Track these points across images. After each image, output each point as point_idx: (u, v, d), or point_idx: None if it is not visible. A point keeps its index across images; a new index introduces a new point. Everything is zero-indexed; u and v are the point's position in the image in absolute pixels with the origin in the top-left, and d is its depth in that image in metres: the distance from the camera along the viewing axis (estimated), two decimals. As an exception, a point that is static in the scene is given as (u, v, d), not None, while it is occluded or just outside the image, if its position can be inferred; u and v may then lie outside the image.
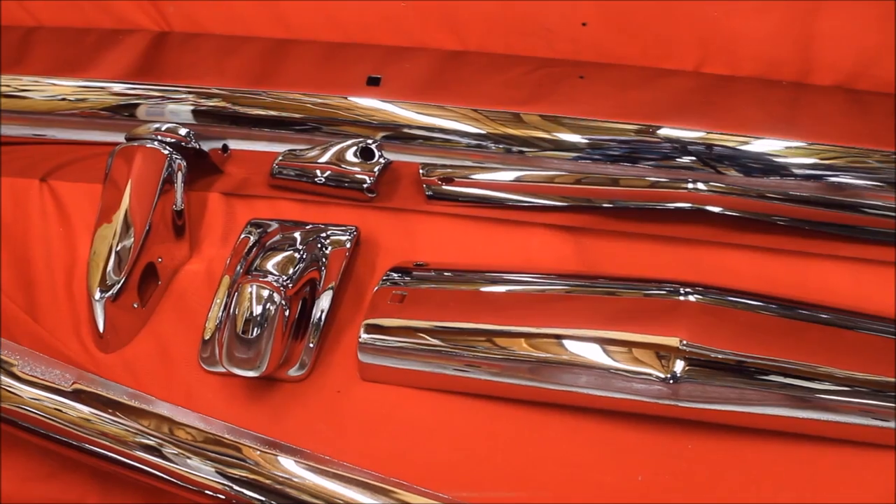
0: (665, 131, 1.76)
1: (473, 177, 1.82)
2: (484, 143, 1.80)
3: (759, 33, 1.82)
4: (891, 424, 1.60)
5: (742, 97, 1.83)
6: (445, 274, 1.77)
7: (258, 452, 1.58)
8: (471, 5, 1.87)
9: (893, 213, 1.74)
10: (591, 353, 1.63)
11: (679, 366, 1.59)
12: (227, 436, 1.60)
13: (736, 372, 1.60)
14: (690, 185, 1.76)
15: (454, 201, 1.84)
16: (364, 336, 1.70)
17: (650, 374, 1.60)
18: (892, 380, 1.60)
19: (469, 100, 1.81)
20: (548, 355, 1.64)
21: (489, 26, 1.88)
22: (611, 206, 1.80)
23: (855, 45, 1.80)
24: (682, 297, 1.66)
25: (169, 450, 1.58)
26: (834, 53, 1.81)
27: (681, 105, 1.81)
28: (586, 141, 1.78)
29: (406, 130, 1.81)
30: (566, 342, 1.64)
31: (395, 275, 1.77)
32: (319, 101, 1.83)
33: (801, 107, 1.82)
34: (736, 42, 1.83)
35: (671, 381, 1.59)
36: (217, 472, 1.57)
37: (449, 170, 1.82)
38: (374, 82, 1.84)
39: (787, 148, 1.74)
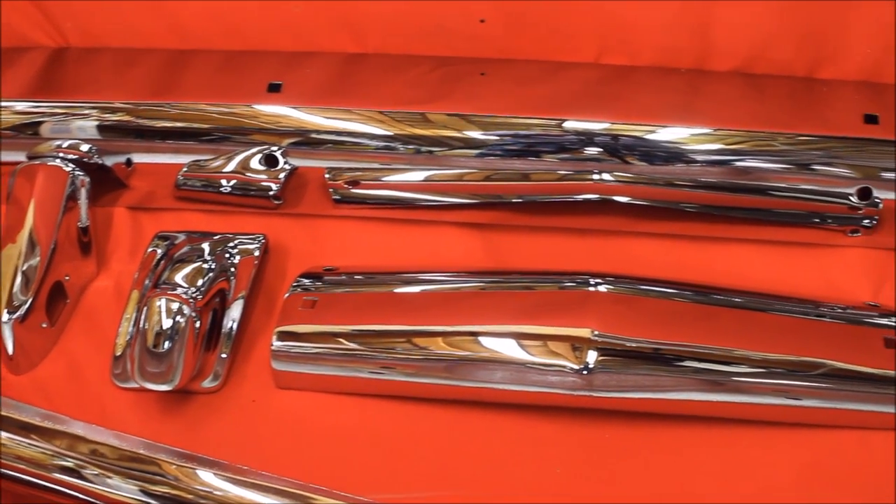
0: (569, 124, 1.77)
1: (380, 179, 1.82)
2: (390, 145, 1.80)
3: (655, 22, 1.83)
4: (803, 403, 1.62)
5: (643, 86, 1.84)
6: (356, 277, 1.77)
7: (175, 467, 1.56)
8: (368, 7, 1.87)
9: (798, 195, 1.76)
10: (505, 348, 1.63)
11: (592, 356, 1.60)
12: (143, 452, 1.58)
13: (649, 359, 1.61)
14: (596, 176, 1.77)
15: (361, 204, 1.84)
16: (276, 344, 1.69)
17: (564, 367, 1.60)
18: (803, 358, 1.62)
19: (372, 102, 1.81)
20: (462, 353, 1.64)
21: (388, 27, 1.88)
22: (519, 200, 1.81)
23: (750, 29, 1.82)
24: (592, 288, 1.67)
25: (88, 470, 1.56)
26: (730, 39, 1.83)
27: (583, 97, 1.82)
28: (492, 138, 1.78)
29: (312, 135, 1.81)
30: (479, 339, 1.64)
31: (305, 281, 1.76)
32: (222, 110, 1.83)
33: (702, 93, 1.83)
34: (633, 32, 1.84)
35: (585, 372, 1.60)
36: (138, 489, 1.55)
37: (356, 173, 1.82)
38: (275, 89, 1.83)
39: (692, 135, 1.76)
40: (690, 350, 1.62)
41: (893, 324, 1.67)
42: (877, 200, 1.75)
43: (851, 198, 1.75)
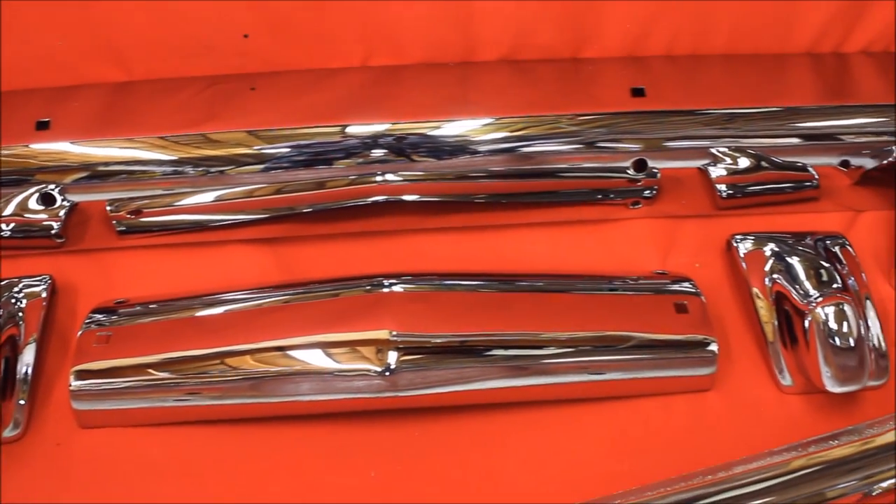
0: (349, 129, 1.78)
1: (165, 205, 1.80)
2: (171, 169, 1.77)
3: (418, 19, 1.85)
4: (606, 376, 1.65)
5: (415, 84, 1.86)
6: (149, 307, 1.74)
7: (-17, 523, 1.53)
8: (129, 33, 1.84)
9: (579, 174, 1.79)
10: (307, 359, 1.63)
11: (392, 357, 1.61)
12: (-52, 515, 1.55)
13: (450, 352, 1.63)
14: (380, 178, 1.77)
15: (147, 233, 1.81)
16: (75, 383, 1.66)
17: (367, 370, 1.61)
18: (602, 333, 1.66)
19: (144, 129, 1.78)
20: (264, 369, 1.63)
21: (152, 52, 1.86)
22: (308, 210, 1.81)
23: (511, 17, 1.85)
24: (386, 290, 1.68)
25: None
26: (493, 28, 1.86)
27: (357, 101, 1.83)
28: (274, 151, 1.77)
29: (88, 169, 1.77)
30: (280, 353, 1.64)
31: (97, 316, 1.73)
32: (-4, 153, 1.79)
33: (474, 84, 1.86)
34: (397, 32, 1.86)
35: (387, 374, 1.60)
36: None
37: (141, 202, 1.79)
38: (43, 126, 1.79)
39: (471, 128, 1.78)
40: (489, 338, 1.64)
41: (681, 289, 1.71)
42: (654, 170, 1.79)
43: (628, 171, 1.79)
